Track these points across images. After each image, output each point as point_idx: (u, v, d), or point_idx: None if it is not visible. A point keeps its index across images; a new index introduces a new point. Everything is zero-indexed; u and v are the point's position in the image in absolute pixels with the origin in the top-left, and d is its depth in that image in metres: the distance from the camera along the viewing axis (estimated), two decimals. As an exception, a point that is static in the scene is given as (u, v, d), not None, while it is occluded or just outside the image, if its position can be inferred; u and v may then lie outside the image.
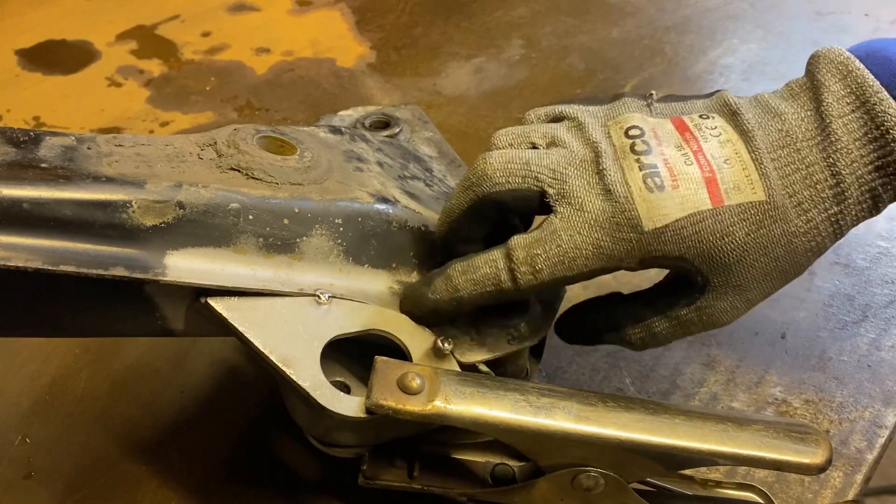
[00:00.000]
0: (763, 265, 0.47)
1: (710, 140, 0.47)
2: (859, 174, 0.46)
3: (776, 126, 0.47)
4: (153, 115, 0.90)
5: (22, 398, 0.61)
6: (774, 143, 0.47)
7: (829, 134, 0.46)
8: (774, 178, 0.46)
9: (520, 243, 0.47)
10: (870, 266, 0.70)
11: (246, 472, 0.56)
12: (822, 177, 0.46)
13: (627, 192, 0.46)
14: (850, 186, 0.46)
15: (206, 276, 0.45)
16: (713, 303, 0.48)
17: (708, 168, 0.46)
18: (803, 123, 0.47)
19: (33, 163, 0.43)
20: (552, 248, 0.46)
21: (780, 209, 0.46)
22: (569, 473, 0.46)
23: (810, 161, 0.46)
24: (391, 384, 0.45)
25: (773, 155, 0.47)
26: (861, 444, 0.58)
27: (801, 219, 0.46)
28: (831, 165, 0.46)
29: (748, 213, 0.46)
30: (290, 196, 0.47)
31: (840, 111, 0.46)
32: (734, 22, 1.04)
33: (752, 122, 0.47)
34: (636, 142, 0.48)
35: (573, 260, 0.46)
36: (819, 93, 0.47)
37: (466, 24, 1.04)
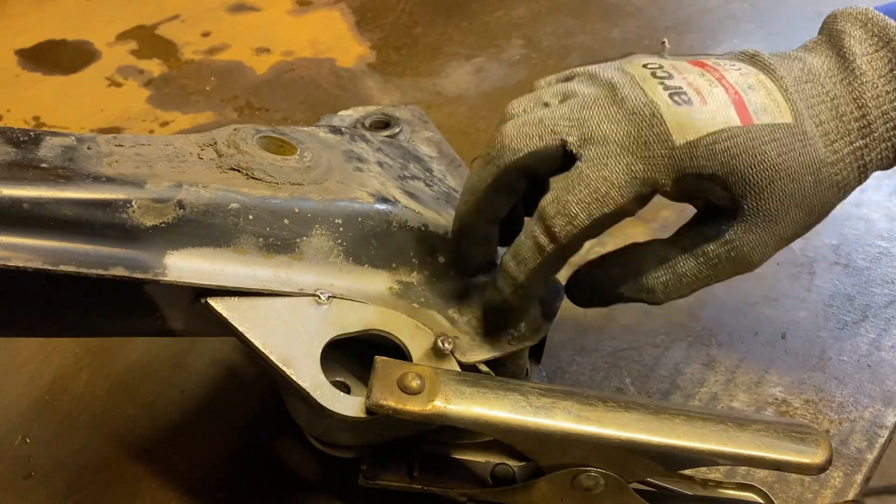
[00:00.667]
0: (793, 192, 0.45)
1: (731, 71, 0.47)
2: (884, 109, 0.46)
3: (797, 65, 0.47)
4: (153, 115, 0.90)
5: (22, 398, 0.61)
6: (797, 77, 0.47)
7: (854, 69, 0.46)
8: (801, 106, 0.46)
9: (547, 199, 0.45)
10: (870, 266, 0.70)
11: (246, 472, 0.56)
12: (847, 109, 0.46)
13: (654, 109, 0.44)
14: (876, 120, 0.46)
15: (206, 276, 0.45)
16: (743, 235, 0.46)
17: (733, 91, 0.46)
18: (825, 63, 0.47)
19: (33, 163, 0.43)
20: (581, 190, 0.44)
21: (808, 135, 0.45)
22: (569, 473, 0.46)
23: (835, 94, 0.46)
24: (391, 384, 0.45)
25: (797, 87, 0.46)
26: (861, 444, 0.58)
27: (828, 149, 0.46)
28: (857, 98, 0.46)
29: (778, 133, 0.45)
30: (290, 196, 0.47)
31: (863, 50, 0.46)
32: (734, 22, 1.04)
33: (772, 60, 0.47)
34: (656, 71, 0.47)
35: (606, 194, 0.44)
36: (839, 39, 0.47)
37: (466, 24, 1.04)
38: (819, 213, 0.47)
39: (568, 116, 0.46)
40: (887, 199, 0.76)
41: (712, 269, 0.47)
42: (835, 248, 0.72)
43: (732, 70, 0.47)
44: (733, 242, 0.46)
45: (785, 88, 0.46)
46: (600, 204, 0.44)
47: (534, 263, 0.46)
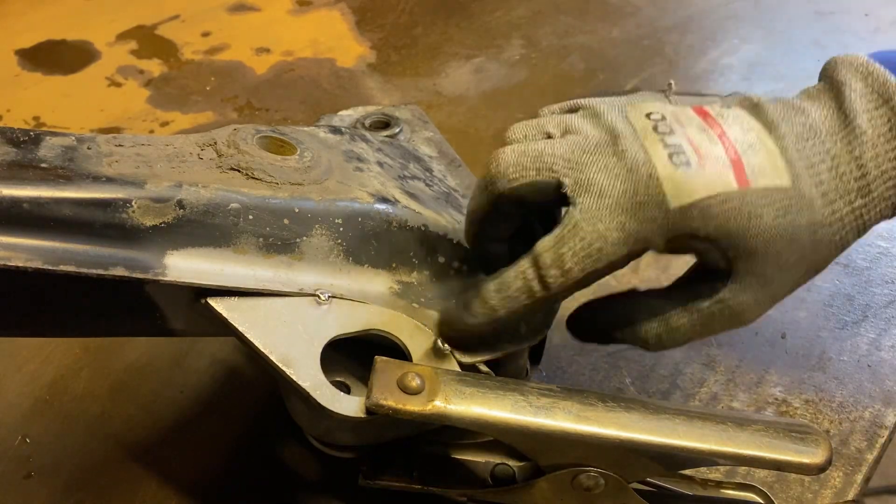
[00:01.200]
0: (789, 255, 0.46)
1: (734, 126, 0.47)
2: (884, 168, 0.45)
3: (800, 120, 0.47)
4: (153, 115, 0.90)
5: (22, 398, 0.61)
6: (798, 134, 0.46)
7: (855, 128, 0.46)
8: (800, 167, 0.46)
9: (544, 246, 0.46)
10: (870, 266, 0.70)
11: (246, 472, 0.56)
12: (847, 168, 0.46)
13: (651, 170, 0.45)
14: (876, 180, 0.46)
15: (206, 276, 0.45)
16: (737, 294, 0.46)
17: (733, 150, 0.45)
18: (827, 118, 0.47)
19: (33, 163, 0.43)
20: (576, 243, 0.45)
21: (805, 198, 0.45)
22: (569, 473, 0.46)
23: (835, 153, 0.46)
24: (391, 384, 0.45)
25: (798, 146, 0.46)
26: (861, 444, 0.58)
27: (826, 209, 0.46)
28: (857, 158, 0.46)
29: (774, 197, 0.45)
30: (290, 196, 0.47)
31: (864, 107, 0.46)
32: (735, 22, 1.04)
33: (774, 113, 0.47)
34: (658, 124, 0.46)
35: (599, 250, 0.45)
36: (840, 91, 0.47)
37: (466, 24, 1.04)
38: (816, 270, 0.48)
39: (567, 157, 0.46)
40: (887, 199, 0.76)
41: (704, 325, 0.48)
42: (835, 248, 0.72)
43: (734, 125, 0.47)
44: (727, 302, 0.47)
45: (785, 149, 0.46)
46: (594, 260, 0.45)
47: (518, 304, 0.47)
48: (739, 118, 0.47)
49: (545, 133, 0.49)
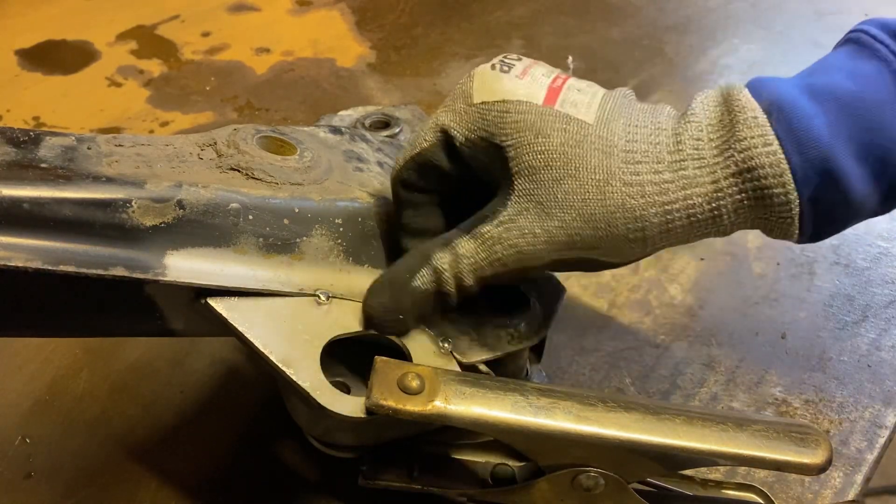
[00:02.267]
0: (570, 189, 0.45)
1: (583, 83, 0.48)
2: (702, 153, 0.44)
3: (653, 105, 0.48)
4: (153, 115, 0.90)
5: (22, 398, 0.61)
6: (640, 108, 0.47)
7: (687, 111, 0.46)
8: (619, 122, 0.46)
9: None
10: (870, 266, 0.70)
11: (246, 472, 0.56)
12: (665, 140, 0.45)
13: (471, 73, 0.49)
14: (688, 159, 0.44)
15: (206, 276, 0.45)
16: (514, 217, 0.46)
17: (559, 82, 0.48)
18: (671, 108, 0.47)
19: (33, 163, 0.43)
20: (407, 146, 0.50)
21: (606, 142, 0.45)
22: (569, 473, 0.46)
23: (661, 126, 0.45)
24: (391, 384, 0.45)
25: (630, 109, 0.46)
26: (861, 444, 0.58)
27: (627, 166, 0.44)
28: (678, 135, 0.45)
29: (571, 125, 0.45)
30: (290, 196, 0.48)
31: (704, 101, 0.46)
32: (734, 22, 1.04)
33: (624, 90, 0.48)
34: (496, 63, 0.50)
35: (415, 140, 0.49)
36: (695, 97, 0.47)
37: (466, 24, 1.04)
38: (604, 236, 0.45)
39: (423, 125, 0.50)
40: (887, 199, 0.76)
41: (487, 252, 0.46)
42: (835, 248, 0.72)
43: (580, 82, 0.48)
44: (504, 224, 0.46)
45: (609, 102, 0.47)
46: (411, 147, 0.49)
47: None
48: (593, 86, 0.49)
49: None
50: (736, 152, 0.43)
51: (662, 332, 0.65)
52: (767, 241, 0.48)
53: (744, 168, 0.43)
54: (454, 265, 0.47)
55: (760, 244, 0.72)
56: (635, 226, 0.45)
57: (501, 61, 0.49)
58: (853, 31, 0.47)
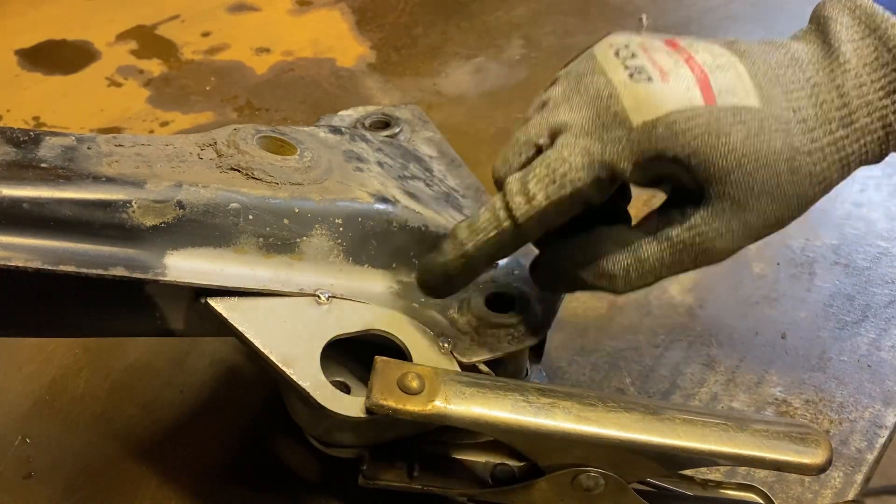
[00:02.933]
0: (763, 180, 0.43)
1: (703, 53, 0.45)
2: (869, 99, 0.44)
3: (780, 52, 0.45)
4: (153, 115, 0.90)
5: (22, 398, 0.61)
6: (778, 62, 0.45)
7: (838, 56, 0.44)
8: (774, 91, 0.44)
9: (514, 177, 0.45)
10: (870, 266, 0.70)
11: (246, 472, 0.56)
12: (828, 97, 0.44)
13: (611, 90, 0.44)
14: (859, 110, 0.44)
15: (206, 276, 0.45)
16: (709, 220, 0.44)
17: (700, 71, 0.44)
18: (810, 50, 0.45)
19: (33, 163, 0.43)
20: (542, 170, 0.44)
21: (781, 120, 0.43)
22: (569, 473, 0.46)
23: (816, 81, 0.44)
24: (391, 384, 0.45)
25: (774, 72, 0.44)
26: (861, 444, 0.57)
27: (804, 136, 0.44)
28: (839, 87, 0.44)
29: (745, 116, 0.43)
30: (290, 196, 0.47)
31: (849, 37, 0.44)
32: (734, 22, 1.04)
33: (750, 46, 0.46)
34: (620, 50, 0.46)
35: (563, 175, 0.44)
36: (826, 25, 0.45)
37: (466, 24, 1.04)
38: (795, 207, 0.45)
39: (539, 122, 0.46)
40: (887, 199, 0.76)
41: (675, 255, 0.45)
42: (835, 248, 0.72)
43: (703, 52, 0.45)
44: (698, 228, 0.44)
45: (755, 73, 0.44)
46: (559, 185, 0.44)
47: (486, 236, 0.46)
48: (710, 48, 0.46)
49: (526, 120, 0.48)
50: None
51: (662, 332, 0.65)
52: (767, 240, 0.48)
53: None
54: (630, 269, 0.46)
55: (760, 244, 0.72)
56: (822, 187, 0.45)
57: (629, 68, 0.44)
58: None
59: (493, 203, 0.46)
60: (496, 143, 0.84)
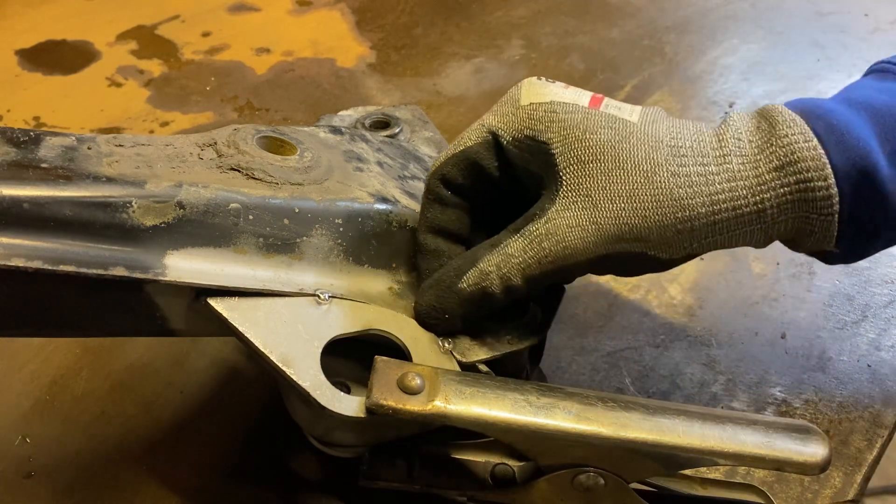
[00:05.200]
0: (618, 180, 0.46)
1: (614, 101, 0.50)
2: (745, 149, 0.46)
3: (686, 121, 0.49)
4: (153, 115, 0.90)
5: (22, 398, 0.61)
6: (673, 118, 0.49)
7: (726, 117, 0.48)
8: (662, 125, 0.47)
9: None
10: (870, 266, 0.70)
11: (246, 472, 0.56)
12: (707, 138, 0.47)
13: (517, 85, 0.51)
14: (734, 157, 0.45)
15: (206, 276, 0.45)
16: (561, 212, 0.47)
17: (600, 97, 0.49)
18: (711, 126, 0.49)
19: (33, 163, 0.43)
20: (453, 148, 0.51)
21: (651, 138, 0.47)
22: (569, 473, 0.46)
23: (700, 128, 0.48)
24: (391, 384, 0.45)
25: (668, 117, 0.49)
26: (861, 444, 0.58)
27: (673, 158, 0.46)
28: (719, 135, 0.47)
29: (617, 124, 0.47)
30: (291, 196, 0.48)
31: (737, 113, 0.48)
32: (734, 22, 1.04)
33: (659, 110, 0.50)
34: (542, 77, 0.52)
35: (459, 140, 0.51)
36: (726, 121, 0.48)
37: (466, 24, 1.04)
38: (652, 222, 0.46)
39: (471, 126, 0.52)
40: (887, 199, 0.76)
41: (535, 249, 0.47)
42: (835, 248, 0.72)
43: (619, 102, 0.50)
44: (552, 220, 0.47)
45: (647, 111, 0.49)
46: (455, 146, 0.51)
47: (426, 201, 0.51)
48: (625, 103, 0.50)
49: None
50: (778, 147, 0.45)
51: (662, 332, 0.65)
52: (767, 241, 0.49)
53: (786, 161, 0.44)
54: (502, 266, 0.48)
55: (760, 244, 0.72)
56: (683, 215, 0.46)
57: (542, 77, 0.52)
58: (876, 64, 0.51)
59: None
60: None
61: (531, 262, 0.48)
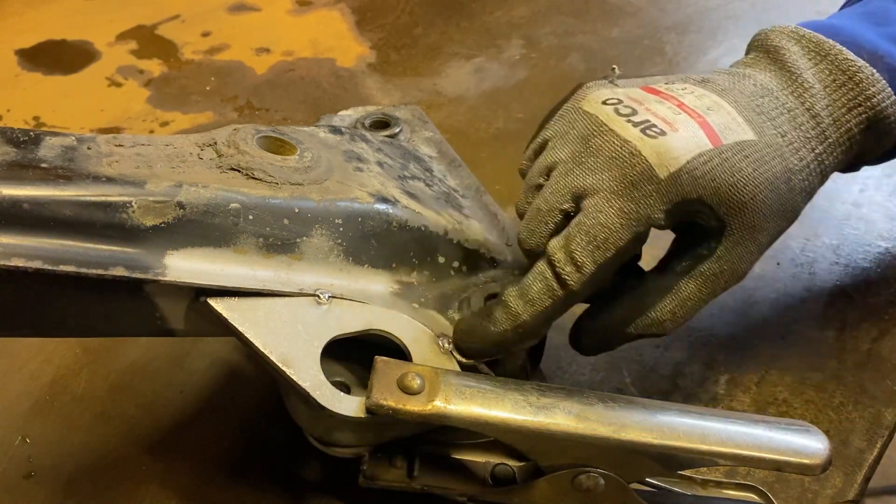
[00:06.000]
0: (772, 203, 0.48)
1: (686, 96, 0.49)
2: (836, 116, 0.50)
3: (749, 82, 0.51)
4: (153, 115, 0.90)
5: (22, 398, 0.61)
6: (752, 93, 0.50)
7: (802, 82, 0.50)
8: (760, 121, 0.49)
9: (555, 245, 0.47)
10: (870, 266, 0.70)
11: (246, 473, 0.56)
12: (804, 119, 0.50)
13: (631, 148, 0.46)
14: (829, 128, 0.50)
15: (206, 276, 0.45)
16: (731, 249, 0.48)
17: (697, 115, 0.48)
18: (773, 78, 0.51)
19: (33, 163, 0.43)
20: (582, 238, 0.46)
21: (774, 147, 0.48)
22: (569, 473, 0.46)
23: (790, 106, 0.50)
24: (391, 384, 0.45)
25: (755, 102, 0.49)
26: (861, 444, 0.57)
27: (795, 156, 0.49)
28: (810, 109, 0.50)
29: (747, 150, 0.47)
30: (290, 196, 0.47)
31: (805, 64, 0.51)
32: (734, 22, 1.04)
33: (721, 81, 0.51)
34: (618, 107, 0.48)
35: (605, 240, 0.46)
36: (779, 55, 0.51)
37: (466, 24, 1.04)
38: (791, 218, 0.50)
39: (555, 189, 0.48)
40: (887, 199, 0.76)
41: (710, 287, 0.49)
42: (835, 248, 0.72)
43: (687, 94, 0.49)
44: (724, 258, 0.48)
45: (741, 107, 0.49)
46: (602, 250, 0.46)
47: (542, 306, 0.47)
48: (688, 89, 0.50)
49: (535, 187, 0.51)
50: (867, 109, 0.50)
51: (662, 332, 0.65)
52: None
53: (873, 120, 0.51)
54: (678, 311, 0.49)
55: (760, 244, 0.72)
56: (808, 196, 0.50)
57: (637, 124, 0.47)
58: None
59: (542, 272, 0.47)
60: (496, 144, 0.84)
61: (703, 300, 0.49)
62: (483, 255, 0.54)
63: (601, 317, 0.51)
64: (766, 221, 0.48)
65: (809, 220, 0.73)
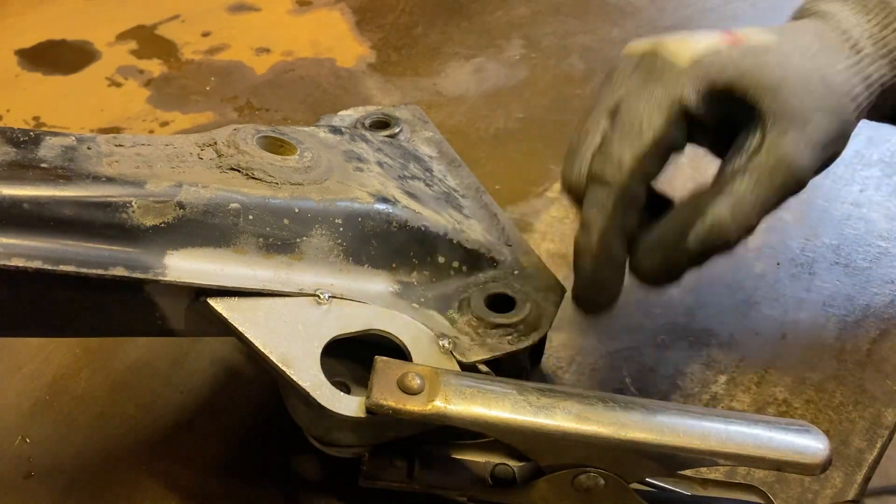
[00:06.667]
0: (808, 93, 0.47)
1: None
2: (869, 30, 0.51)
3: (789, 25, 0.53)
4: (153, 115, 0.90)
5: (22, 398, 0.61)
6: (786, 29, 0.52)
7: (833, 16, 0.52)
8: (789, 34, 0.50)
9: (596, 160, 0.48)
10: (870, 266, 0.70)
11: (246, 472, 0.56)
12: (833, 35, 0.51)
13: (654, 47, 0.49)
14: (862, 40, 0.50)
15: (206, 276, 0.45)
16: (779, 138, 0.46)
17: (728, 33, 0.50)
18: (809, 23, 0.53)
19: (33, 163, 0.43)
20: (618, 133, 0.47)
21: (801, 49, 0.49)
22: (569, 474, 0.46)
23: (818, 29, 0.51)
24: (391, 384, 0.45)
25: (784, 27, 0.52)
26: (861, 444, 0.58)
27: (825, 60, 0.49)
28: (836, 27, 0.51)
29: (770, 46, 0.48)
30: (290, 196, 0.48)
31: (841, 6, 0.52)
32: (734, 22, 1.04)
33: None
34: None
35: (640, 128, 0.46)
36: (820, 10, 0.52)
37: (466, 24, 1.04)
38: (842, 123, 0.48)
39: (593, 116, 0.50)
40: (887, 199, 0.76)
41: (766, 183, 0.47)
42: (835, 248, 0.72)
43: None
44: (773, 149, 0.46)
45: (766, 26, 0.51)
46: (638, 138, 0.46)
47: (603, 224, 0.47)
48: None
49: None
50: None
51: (662, 332, 0.65)
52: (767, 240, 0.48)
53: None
54: (736, 209, 0.47)
55: (760, 244, 0.72)
56: (855, 105, 0.50)
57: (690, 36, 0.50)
58: None
59: (590, 196, 0.48)
60: (496, 143, 0.84)
61: (762, 200, 0.47)
62: (483, 255, 0.54)
63: (659, 226, 0.49)
64: (808, 111, 0.47)
65: (809, 220, 0.73)
